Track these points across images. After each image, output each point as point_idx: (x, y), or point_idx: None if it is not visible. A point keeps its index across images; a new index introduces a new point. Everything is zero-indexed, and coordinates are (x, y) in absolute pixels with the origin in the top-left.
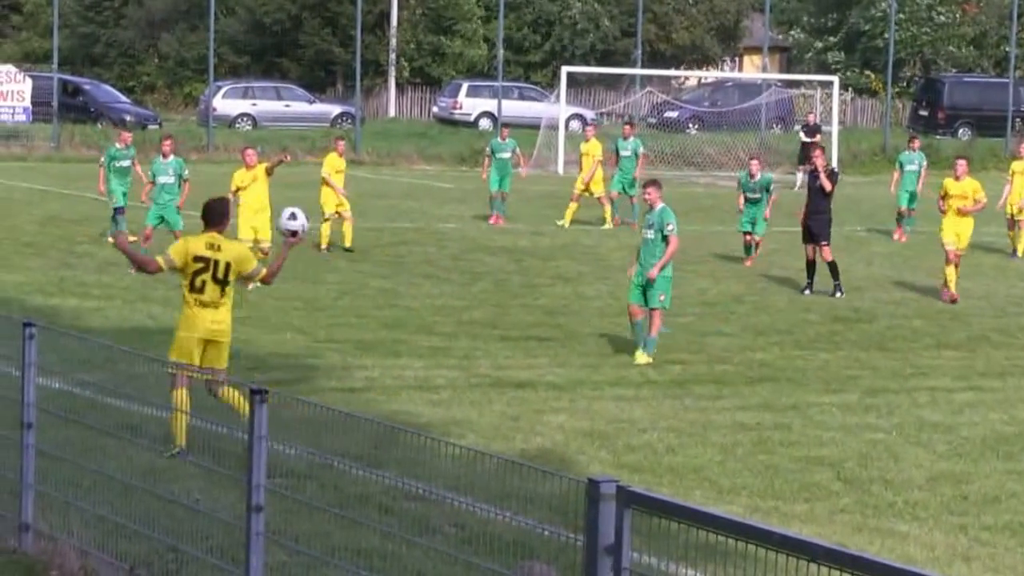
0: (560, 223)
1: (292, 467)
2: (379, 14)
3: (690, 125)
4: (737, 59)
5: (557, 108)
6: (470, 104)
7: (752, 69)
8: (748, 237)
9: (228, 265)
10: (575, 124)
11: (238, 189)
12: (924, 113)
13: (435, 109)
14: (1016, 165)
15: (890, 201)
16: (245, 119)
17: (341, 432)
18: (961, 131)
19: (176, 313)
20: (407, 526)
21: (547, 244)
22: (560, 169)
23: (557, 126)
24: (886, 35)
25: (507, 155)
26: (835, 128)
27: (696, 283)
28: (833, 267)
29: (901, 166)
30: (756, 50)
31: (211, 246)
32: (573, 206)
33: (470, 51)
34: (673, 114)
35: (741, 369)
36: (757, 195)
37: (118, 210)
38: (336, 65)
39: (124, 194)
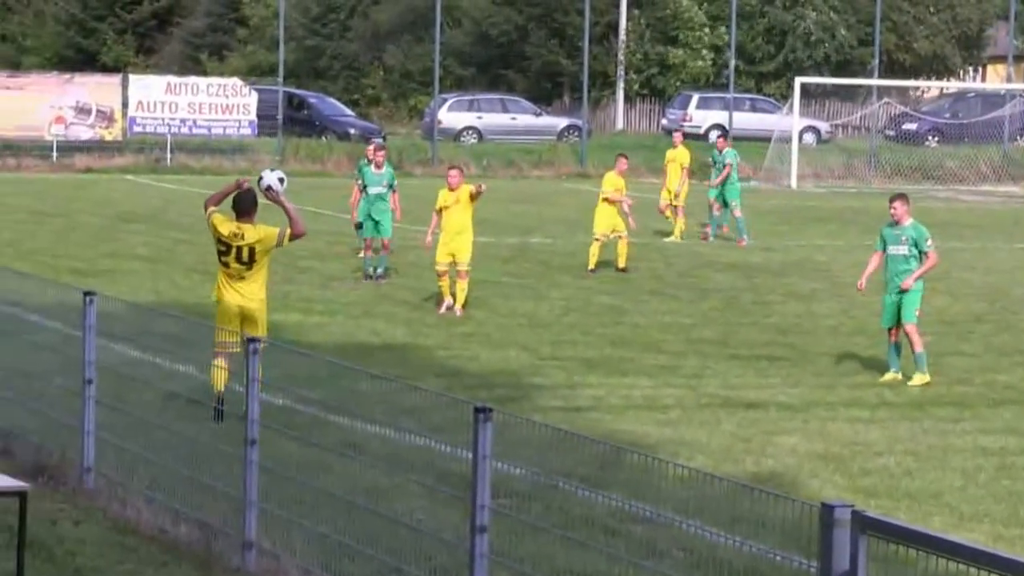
0: (670, 239)
1: (516, 487)
2: (606, 25)
3: (929, 137)
4: (980, 69)
5: (790, 120)
6: (700, 116)
7: (996, 79)
8: None
9: (252, 248)
10: (809, 137)
11: (441, 209)
12: None
13: (664, 121)
14: None
15: None
16: (470, 132)
17: (566, 452)
18: None
19: (400, 329)
20: (634, 549)
21: (779, 260)
22: (794, 183)
23: (788, 139)
24: None
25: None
26: None
27: (934, 301)
28: None
29: None
30: (1000, 59)
31: (235, 235)
32: (680, 221)
33: (695, 62)
34: (912, 126)
35: (983, 391)
36: None
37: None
38: (563, 77)
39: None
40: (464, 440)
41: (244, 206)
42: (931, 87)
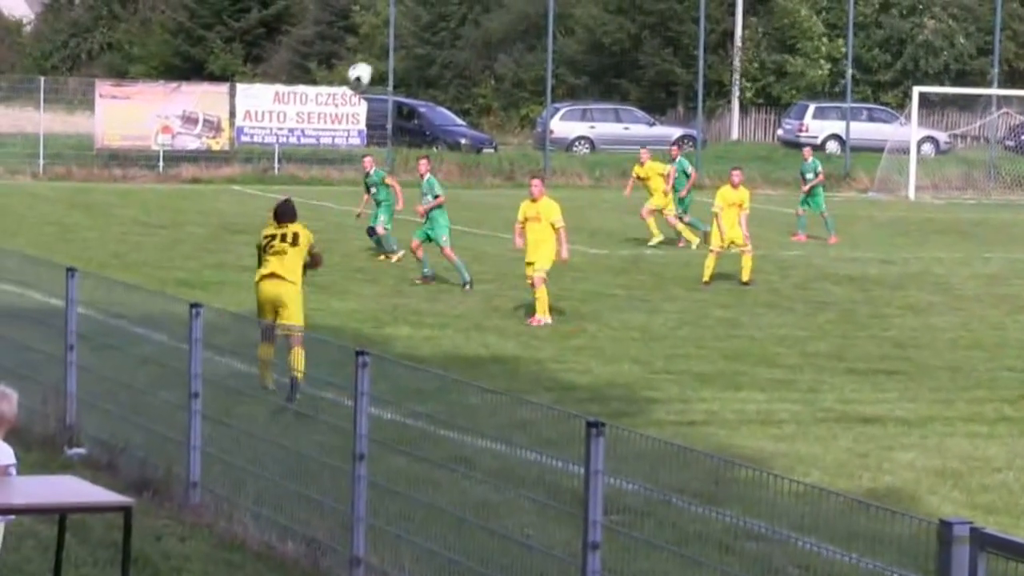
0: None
1: (629, 503)
2: (721, 33)
3: None
4: None
5: (907, 130)
6: (817, 126)
7: None
8: None
9: (296, 234)
10: (927, 147)
11: (526, 220)
12: None
13: (780, 131)
14: None
15: None
16: (583, 142)
17: (679, 467)
18: None
19: (511, 342)
20: (748, 566)
21: (896, 273)
22: (911, 194)
23: (905, 149)
24: None
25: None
26: None
27: None
28: None
29: None
30: None
31: (282, 226)
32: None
33: (811, 71)
34: None
35: None
36: None
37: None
38: (677, 86)
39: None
40: (576, 455)
41: (286, 215)
42: None
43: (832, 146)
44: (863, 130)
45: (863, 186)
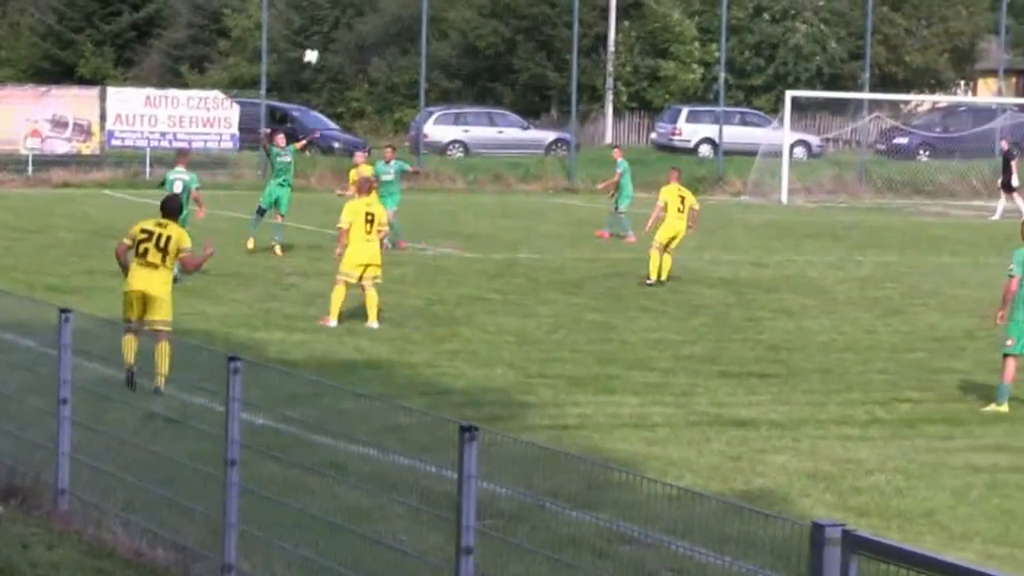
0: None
1: (502, 508)
2: (595, 37)
3: (920, 151)
4: (971, 83)
5: (780, 134)
6: (690, 130)
7: (987, 93)
8: None
9: (169, 237)
10: (799, 151)
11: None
12: None
13: (653, 135)
14: None
15: None
16: (457, 146)
17: (553, 471)
18: None
19: (384, 346)
20: (622, 570)
21: (769, 276)
22: (784, 197)
23: (778, 153)
24: None
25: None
26: None
27: (927, 317)
28: None
29: None
30: (992, 73)
31: (159, 224)
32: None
33: (684, 75)
34: (903, 140)
35: (974, 408)
36: None
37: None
38: (551, 90)
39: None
40: (450, 460)
41: (172, 211)
42: (922, 101)
43: (705, 150)
44: (736, 134)
45: (736, 190)
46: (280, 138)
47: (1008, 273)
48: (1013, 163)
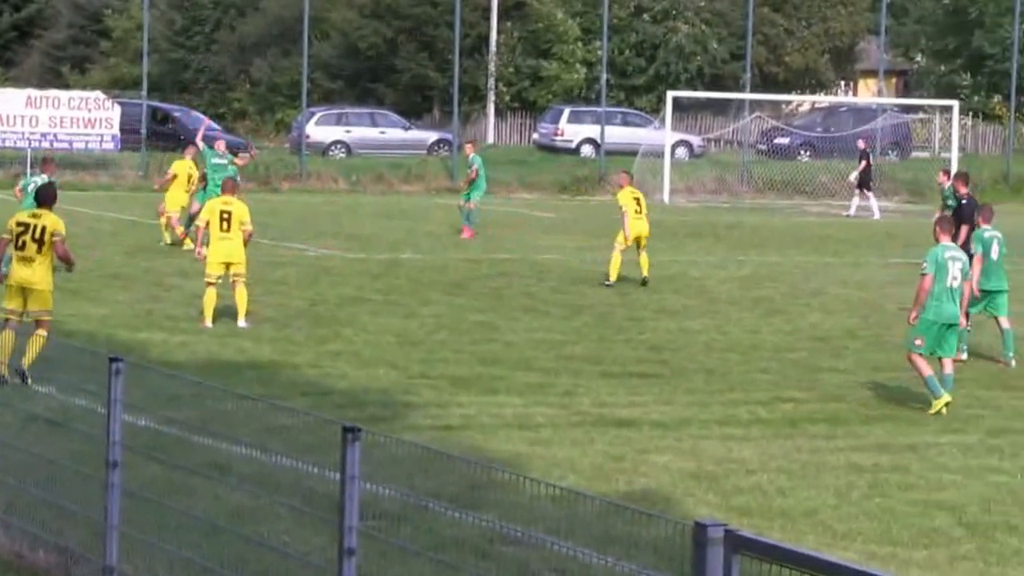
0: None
1: (386, 508)
2: (477, 37)
3: (801, 151)
4: (851, 83)
5: (662, 134)
6: (572, 130)
7: (867, 93)
8: None
9: (43, 228)
10: (681, 151)
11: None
12: None
13: (535, 136)
14: None
15: (1010, 230)
16: (339, 146)
17: (436, 472)
18: None
19: (267, 347)
20: (505, 571)
21: (652, 276)
22: (666, 197)
23: (660, 153)
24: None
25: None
26: (955, 155)
27: (808, 317)
28: None
29: None
30: (872, 74)
31: (35, 216)
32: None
33: (567, 75)
34: (784, 140)
35: (856, 407)
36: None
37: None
38: (433, 90)
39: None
40: (332, 461)
41: (47, 198)
42: (803, 101)
43: (587, 150)
44: (618, 134)
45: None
46: (220, 144)
47: (921, 272)
48: (869, 162)
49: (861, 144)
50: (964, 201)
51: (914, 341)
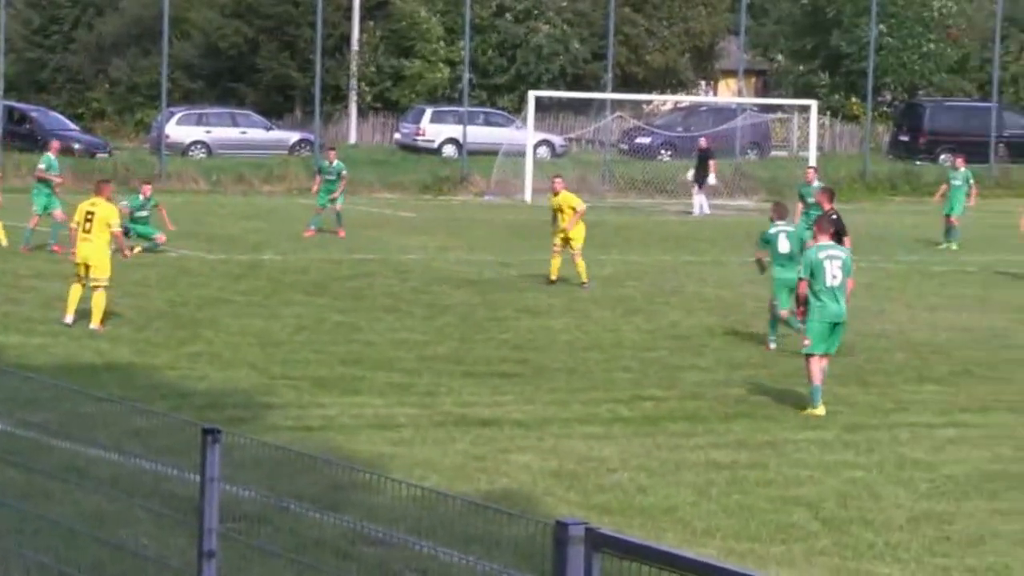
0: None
1: (246, 510)
2: (339, 37)
3: (662, 151)
4: (712, 83)
5: (524, 134)
6: (434, 130)
7: (727, 93)
8: None
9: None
10: (543, 151)
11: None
12: (905, 138)
13: (397, 136)
14: None
15: (866, 228)
16: (199, 147)
17: (297, 473)
18: (943, 157)
19: (125, 348)
20: (366, 572)
21: (513, 275)
22: (528, 197)
23: (522, 152)
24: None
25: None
26: (813, 153)
27: (668, 315)
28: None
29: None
30: (732, 73)
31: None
32: None
33: (431, 74)
34: (645, 140)
35: (715, 405)
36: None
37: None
38: (294, 90)
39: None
40: (192, 463)
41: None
42: (664, 101)
43: (449, 150)
44: (480, 134)
45: (480, 189)
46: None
47: (797, 275)
48: (711, 162)
49: (703, 143)
50: (834, 217)
51: (803, 342)
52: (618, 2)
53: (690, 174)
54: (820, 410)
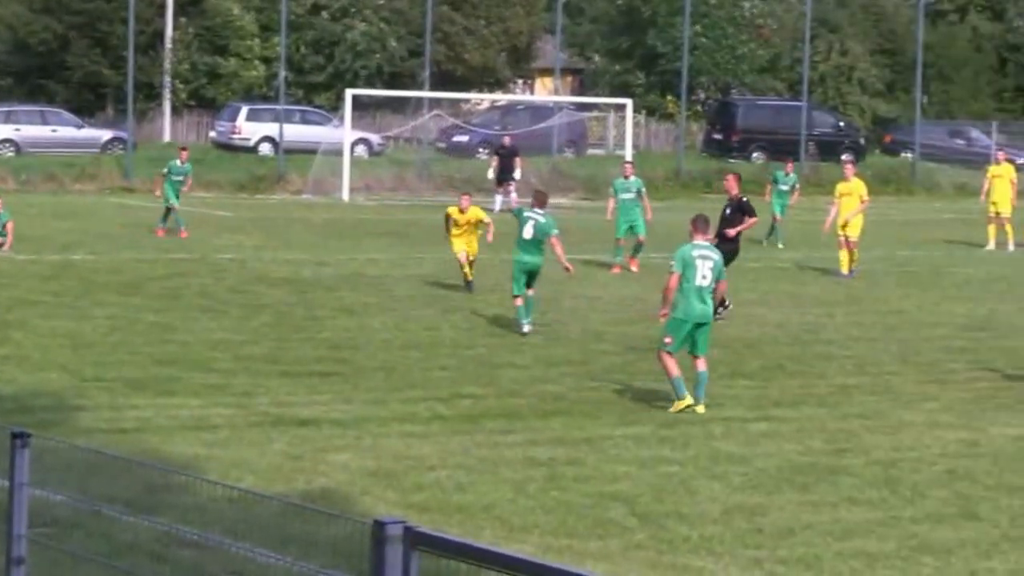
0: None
1: (57, 515)
2: (152, 34)
3: (480, 149)
4: (529, 82)
5: (341, 132)
6: (250, 128)
7: (544, 92)
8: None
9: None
10: (360, 149)
11: None
12: (718, 137)
13: (213, 134)
14: (996, 170)
15: (680, 227)
16: (7, 145)
17: (111, 476)
18: (755, 154)
19: None
20: (181, 574)
21: (330, 274)
22: (346, 195)
23: (339, 151)
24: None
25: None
26: (629, 151)
27: (487, 313)
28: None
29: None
30: (549, 72)
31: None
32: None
33: (246, 72)
34: (463, 138)
35: (533, 402)
36: (630, 195)
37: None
38: (106, 88)
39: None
40: (1, 467)
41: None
42: (482, 99)
43: (266, 148)
44: (297, 132)
45: (297, 188)
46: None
47: (669, 270)
48: (517, 159)
49: (507, 140)
50: (744, 199)
51: (663, 339)
52: (436, 0)
53: (490, 172)
54: (687, 400)
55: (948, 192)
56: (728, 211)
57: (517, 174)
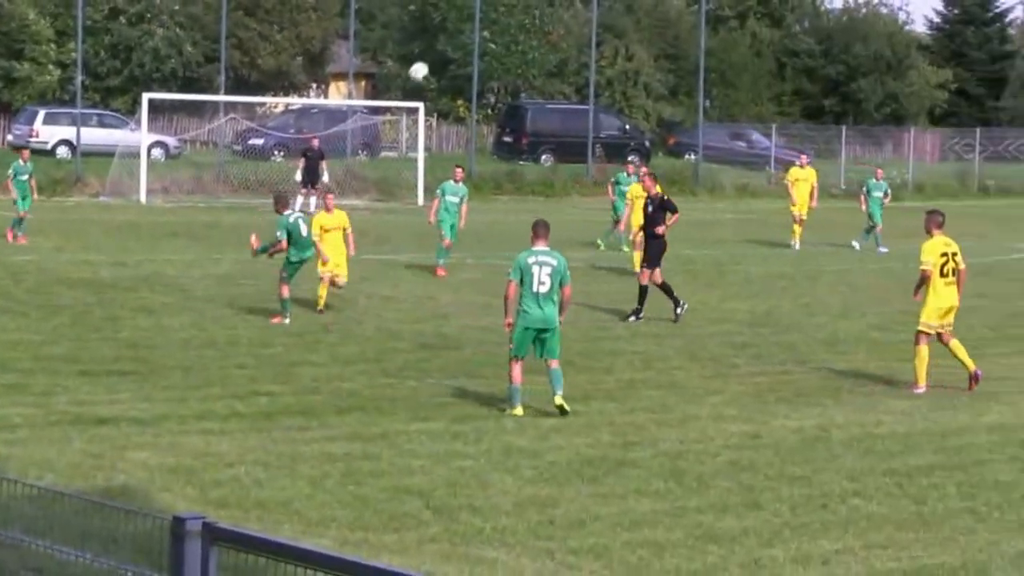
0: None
1: None
2: None
3: (276, 152)
4: (323, 86)
5: (138, 135)
6: (48, 132)
7: (338, 96)
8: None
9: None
10: (157, 152)
11: None
12: (508, 139)
13: (10, 137)
14: (798, 173)
15: (473, 227)
16: None
17: None
18: (544, 157)
19: None
20: None
21: (128, 275)
22: (143, 198)
23: (136, 153)
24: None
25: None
26: (421, 154)
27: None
28: (666, 288)
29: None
30: (342, 76)
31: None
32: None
33: (41, 77)
34: (258, 141)
35: (330, 399)
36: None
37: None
38: None
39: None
40: None
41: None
42: (277, 103)
43: (63, 151)
44: (94, 135)
45: (95, 190)
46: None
47: (507, 277)
48: (323, 163)
49: (315, 143)
50: (665, 198)
51: (509, 346)
52: (231, 6)
53: (298, 175)
54: (518, 410)
55: (730, 193)
56: (651, 209)
57: (325, 177)
